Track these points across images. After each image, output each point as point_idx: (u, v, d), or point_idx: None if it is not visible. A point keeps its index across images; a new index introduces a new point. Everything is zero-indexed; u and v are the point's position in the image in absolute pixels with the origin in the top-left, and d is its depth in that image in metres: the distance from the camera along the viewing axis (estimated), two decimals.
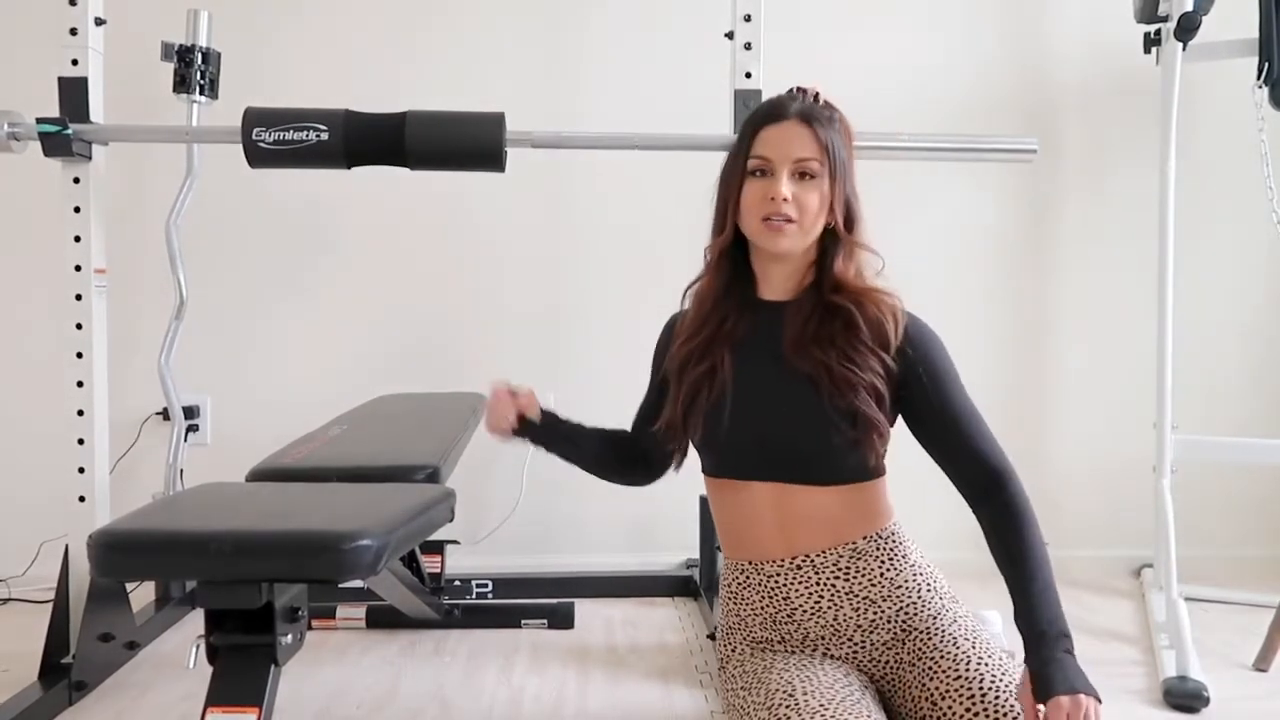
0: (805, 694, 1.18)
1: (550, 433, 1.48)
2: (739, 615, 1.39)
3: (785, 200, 1.27)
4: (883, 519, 1.35)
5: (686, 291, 1.42)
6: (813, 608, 1.33)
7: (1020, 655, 1.20)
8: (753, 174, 1.31)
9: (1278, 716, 1.83)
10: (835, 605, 1.32)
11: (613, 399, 1.67)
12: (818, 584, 1.32)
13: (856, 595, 1.32)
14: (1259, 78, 2.28)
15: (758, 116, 1.35)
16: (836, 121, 1.33)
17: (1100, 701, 1.14)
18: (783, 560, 1.33)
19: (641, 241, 2.64)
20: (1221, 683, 1.87)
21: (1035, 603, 1.21)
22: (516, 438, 1.46)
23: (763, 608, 1.35)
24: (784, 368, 1.30)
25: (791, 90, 1.37)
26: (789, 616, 1.34)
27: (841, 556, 1.32)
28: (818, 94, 1.35)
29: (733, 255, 1.37)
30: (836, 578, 1.32)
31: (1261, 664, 2.01)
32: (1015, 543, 1.26)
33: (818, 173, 1.29)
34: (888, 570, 1.33)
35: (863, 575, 1.32)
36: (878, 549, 1.33)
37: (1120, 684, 1.94)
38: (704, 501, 2.32)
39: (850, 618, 1.32)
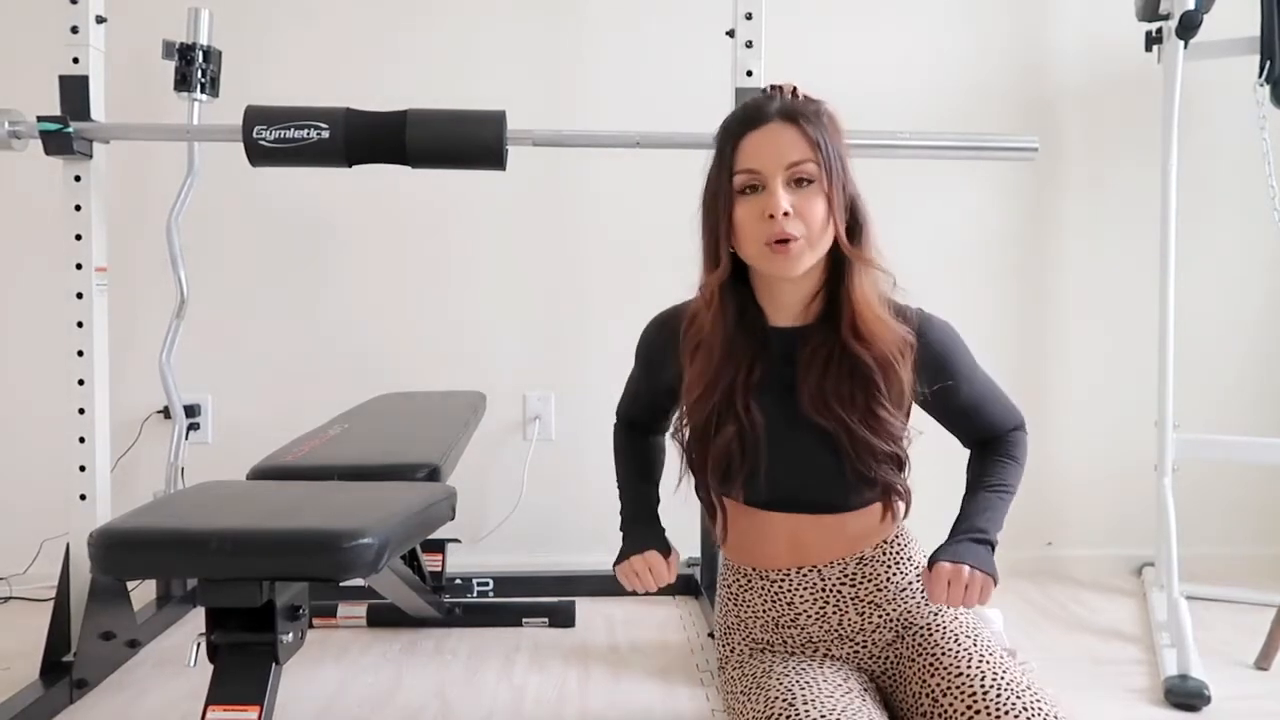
0: (806, 703, 1.17)
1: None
2: (739, 616, 1.38)
3: (786, 215, 1.13)
4: (890, 528, 1.34)
5: (676, 315, 1.32)
6: (817, 613, 1.32)
7: (1021, 654, 1.20)
8: (742, 192, 1.17)
9: (1279, 716, 1.82)
10: (840, 610, 1.32)
11: (612, 398, 1.65)
12: (823, 590, 1.32)
13: (862, 600, 1.32)
14: (1260, 76, 2.28)
15: (734, 125, 1.19)
16: (823, 115, 1.18)
17: (995, 580, 1.17)
18: (788, 570, 1.33)
19: (642, 240, 2.63)
20: (1222, 681, 1.87)
21: (979, 503, 1.26)
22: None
23: (765, 611, 1.35)
24: (803, 415, 1.23)
25: (766, 90, 1.21)
26: (792, 621, 1.33)
27: (848, 565, 1.32)
28: (795, 89, 1.20)
29: (733, 286, 1.22)
30: (843, 584, 1.32)
31: (1263, 663, 2.01)
32: (994, 460, 1.30)
33: (815, 175, 1.14)
34: (894, 575, 1.32)
35: (869, 581, 1.32)
36: (884, 555, 1.33)
37: (1121, 682, 1.94)
38: None
39: (854, 621, 1.32)
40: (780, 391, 1.23)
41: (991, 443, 1.36)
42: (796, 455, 1.26)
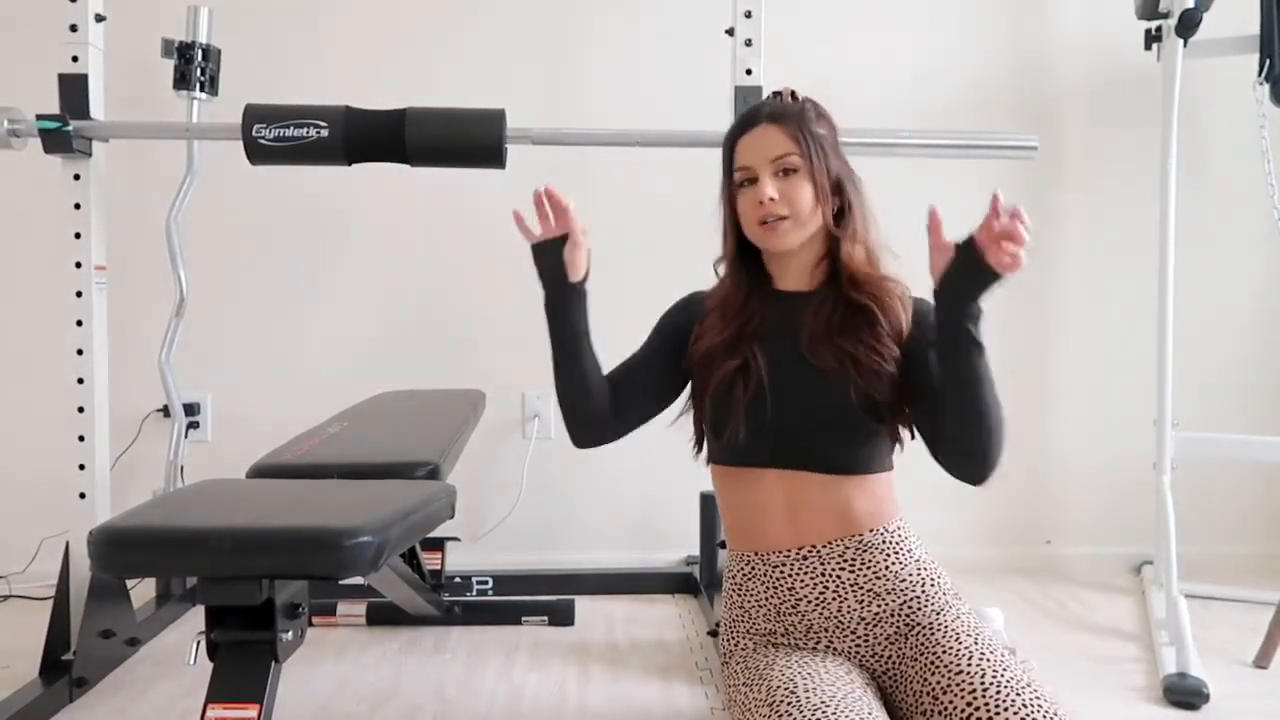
0: (807, 691, 1.19)
1: (580, 306, 1.46)
2: (743, 607, 1.40)
3: (773, 200, 1.33)
4: (889, 514, 1.36)
5: (701, 296, 1.48)
6: (817, 598, 1.33)
7: (1021, 652, 1.20)
8: (741, 186, 1.37)
9: (1278, 714, 1.82)
10: (839, 596, 1.33)
11: None
12: (823, 574, 1.33)
13: (861, 587, 1.33)
14: (1260, 74, 2.28)
15: (732, 132, 1.41)
16: (807, 111, 1.36)
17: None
18: (789, 551, 1.35)
19: (641, 239, 2.63)
20: (1221, 680, 1.87)
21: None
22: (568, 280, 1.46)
23: (767, 598, 1.36)
24: (807, 358, 1.33)
25: (770, 95, 1.42)
26: (793, 607, 1.34)
27: (848, 548, 1.33)
28: (793, 92, 1.40)
29: (744, 263, 1.42)
30: (842, 569, 1.33)
31: (1262, 661, 2.01)
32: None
33: (799, 166, 1.33)
34: (892, 564, 1.33)
35: (867, 567, 1.33)
36: (883, 542, 1.34)
37: (1120, 681, 1.95)
38: (704, 499, 2.32)
39: (854, 609, 1.33)
40: (785, 340, 1.36)
41: None
42: (798, 393, 1.33)
